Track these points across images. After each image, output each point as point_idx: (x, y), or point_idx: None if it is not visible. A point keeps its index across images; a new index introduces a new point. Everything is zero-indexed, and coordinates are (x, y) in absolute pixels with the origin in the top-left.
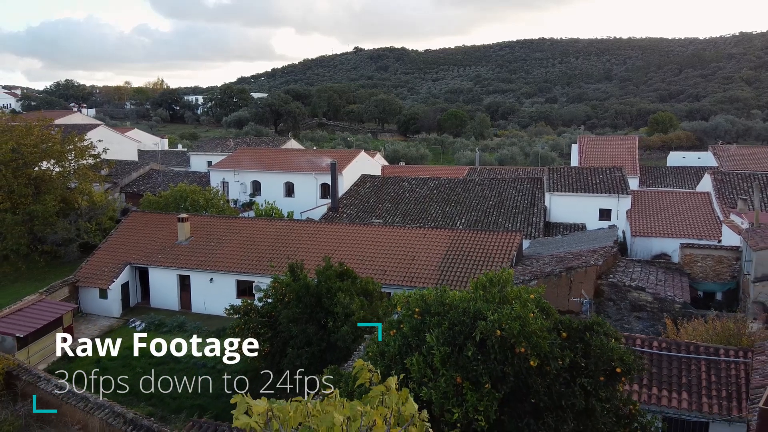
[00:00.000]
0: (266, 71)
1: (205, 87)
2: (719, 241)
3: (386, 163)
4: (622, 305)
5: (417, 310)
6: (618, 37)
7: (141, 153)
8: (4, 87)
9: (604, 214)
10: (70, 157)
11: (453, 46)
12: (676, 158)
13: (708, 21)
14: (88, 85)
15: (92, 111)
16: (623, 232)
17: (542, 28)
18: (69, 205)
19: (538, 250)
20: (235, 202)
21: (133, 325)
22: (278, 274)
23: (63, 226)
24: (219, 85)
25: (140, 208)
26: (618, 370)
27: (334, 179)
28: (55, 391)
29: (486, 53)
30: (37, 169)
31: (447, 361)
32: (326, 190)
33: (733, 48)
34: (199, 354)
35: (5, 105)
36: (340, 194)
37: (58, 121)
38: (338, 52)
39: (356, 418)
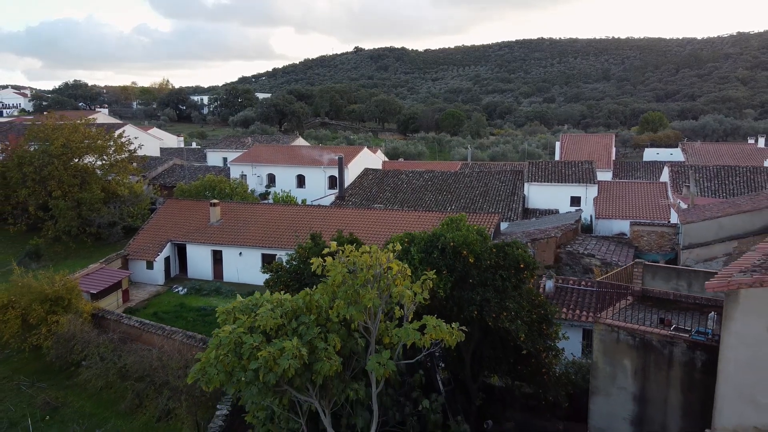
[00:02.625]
0: (267, 71)
1: (206, 87)
2: (668, 222)
3: (386, 159)
4: (576, 268)
5: (406, 240)
6: (616, 37)
7: (163, 150)
8: (14, 87)
9: (575, 200)
10: (110, 152)
11: (452, 46)
12: (651, 154)
13: (706, 21)
14: (90, 84)
15: (102, 111)
16: (590, 216)
17: (541, 28)
18: (111, 194)
19: (514, 229)
20: (253, 192)
21: (176, 289)
22: (300, 242)
23: (108, 211)
24: (220, 85)
25: (174, 195)
26: (521, 266)
27: (341, 172)
28: (135, 323)
29: (485, 53)
30: (79, 161)
31: (422, 261)
32: (333, 182)
33: (730, 48)
34: None
35: (15, 104)
36: (346, 185)
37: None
38: (338, 52)
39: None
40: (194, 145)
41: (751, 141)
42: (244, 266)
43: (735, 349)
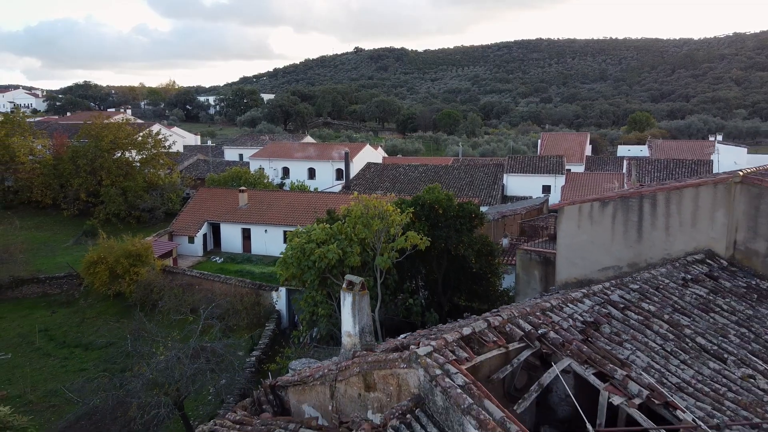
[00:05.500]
0: (268, 71)
1: (208, 87)
2: None
3: (386, 156)
4: (535, 237)
5: (400, 203)
6: (614, 37)
7: (185, 146)
8: (25, 88)
9: (546, 188)
10: (149, 147)
11: (452, 46)
12: (623, 150)
13: (703, 22)
14: (93, 83)
15: (113, 111)
16: (558, 200)
17: (540, 29)
18: (150, 184)
19: (492, 211)
20: (271, 182)
21: (214, 259)
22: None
23: (149, 198)
24: (222, 85)
25: (206, 184)
26: (473, 216)
27: (347, 165)
28: (196, 273)
29: (484, 53)
30: (122, 155)
31: (406, 211)
32: (340, 174)
33: (726, 49)
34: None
35: (27, 104)
36: (351, 176)
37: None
38: (338, 52)
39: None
40: (209, 142)
41: (711, 139)
42: (269, 241)
43: (562, 238)
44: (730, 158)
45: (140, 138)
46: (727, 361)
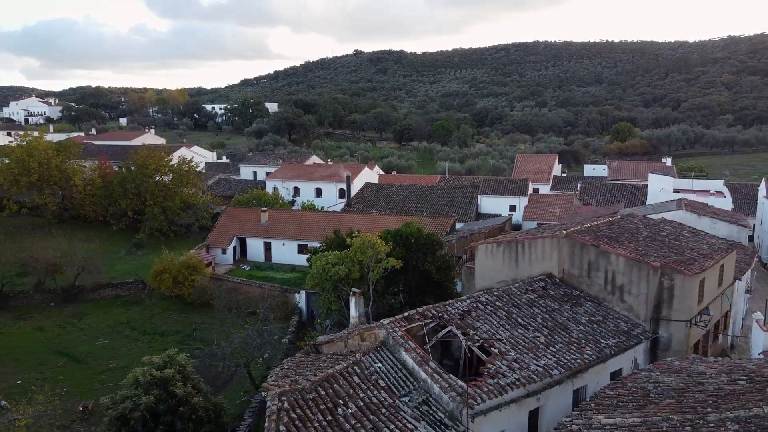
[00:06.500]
0: (269, 73)
1: (209, 88)
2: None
3: (382, 173)
4: None
5: (386, 234)
6: (610, 40)
7: (208, 165)
8: (38, 96)
9: (512, 207)
10: (184, 172)
11: (450, 49)
12: (589, 170)
13: (698, 24)
14: (103, 87)
15: (123, 120)
16: (521, 218)
17: (537, 31)
18: (186, 203)
19: (465, 227)
20: (283, 200)
21: (243, 267)
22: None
23: (186, 215)
24: (223, 87)
25: (232, 204)
26: (435, 243)
27: (349, 186)
28: (237, 280)
29: (482, 56)
30: (161, 179)
31: (390, 241)
32: (342, 193)
33: (719, 52)
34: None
35: (41, 112)
36: (352, 195)
37: (137, 140)
38: (338, 54)
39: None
40: (224, 158)
41: (664, 160)
42: (286, 253)
43: (477, 263)
44: (658, 185)
45: (175, 165)
46: (528, 329)
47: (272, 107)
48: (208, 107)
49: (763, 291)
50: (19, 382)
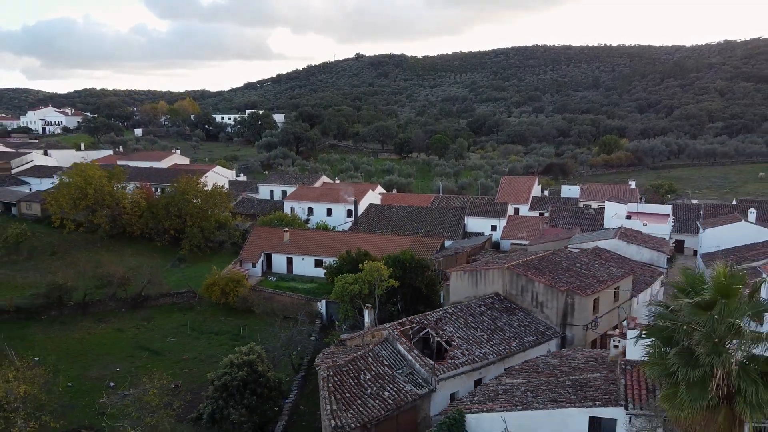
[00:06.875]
0: (271, 77)
1: (213, 91)
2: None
3: (384, 192)
4: None
5: (388, 259)
6: (608, 44)
7: (231, 183)
8: (55, 107)
9: (494, 227)
10: (216, 195)
11: (450, 52)
12: (566, 190)
13: (695, 29)
14: (99, 88)
15: (139, 131)
16: (500, 237)
17: (536, 35)
18: (220, 223)
19: (453, 245)
20: (299, 219)
21: (270, 278)
22: (341, 254)
23: (220, 234)
24: (226, 90)
25: (258, 224)
26: (425, 267)
27: (356, 207)
28: (270, 291)
29: (482, 60)
30: (197, 202)
31: (390, 265)
32: (349, 213)
33: (715, 57)
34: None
35: (58, 122)
36: (359, 215)
37: (164, 161)
38: (339, 58)
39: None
40: (242, 176)
41: (631, 183)
42: (306, 266)
43: (451, 283)
44: (613, 211)
45: (209, 190)
46: (477, 330)
47: (278, 118)
48: (218, 118)
49: None
50: (118, 369)
